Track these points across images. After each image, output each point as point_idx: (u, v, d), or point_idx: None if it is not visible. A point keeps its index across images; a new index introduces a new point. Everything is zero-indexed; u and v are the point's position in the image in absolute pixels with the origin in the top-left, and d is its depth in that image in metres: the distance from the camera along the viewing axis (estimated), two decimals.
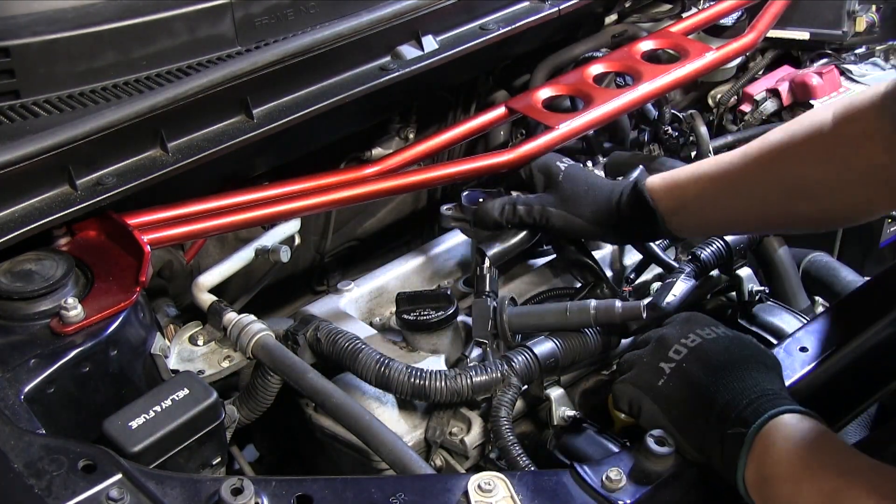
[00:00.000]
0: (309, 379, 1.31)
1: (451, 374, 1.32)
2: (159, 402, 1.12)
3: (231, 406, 1.37)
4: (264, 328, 1.39)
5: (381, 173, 1.57)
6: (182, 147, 1.42)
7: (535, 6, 1.77)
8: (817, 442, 0.93)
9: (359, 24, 1.57)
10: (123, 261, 1.31)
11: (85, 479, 0.99)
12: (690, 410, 1.07)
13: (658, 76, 1.69)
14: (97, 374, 1.20)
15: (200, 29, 1.52)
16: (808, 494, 0.88)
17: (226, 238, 1.72)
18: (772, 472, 0.93)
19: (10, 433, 1.04)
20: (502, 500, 1.04)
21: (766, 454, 0.94)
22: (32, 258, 1.29)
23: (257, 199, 1.47)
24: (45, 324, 1.21)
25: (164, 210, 1.40)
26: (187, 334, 1.43)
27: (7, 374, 1.13)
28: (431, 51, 1.64)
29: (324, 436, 1.40)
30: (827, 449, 0.93)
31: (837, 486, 0.86)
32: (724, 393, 1.03)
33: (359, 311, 1.61)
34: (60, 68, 1.43)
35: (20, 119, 1.38)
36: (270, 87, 1.49)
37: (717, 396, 1.03)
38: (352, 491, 1.07)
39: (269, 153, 1.58)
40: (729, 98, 2.09)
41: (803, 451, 0.92)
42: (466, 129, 1.67)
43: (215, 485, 1.00)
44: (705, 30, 2.00)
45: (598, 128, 1.69)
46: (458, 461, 1.38)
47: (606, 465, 1.11)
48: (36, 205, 1.31)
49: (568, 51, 1.91)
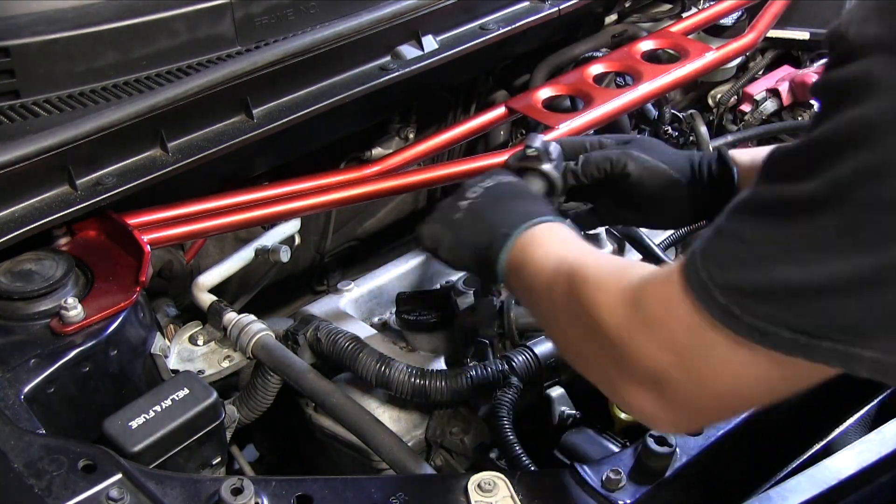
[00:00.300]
0: (309, 379, 1.31)
1: (451, 374, 1.32)
2: (159, 402, 1.12)
3: (231, 406, 1.37)
4: (264, 328, 1.39)
5: (381, 173, 1.58)
6: (182, 147, 1.42)
7: (535, 6, 1.77)
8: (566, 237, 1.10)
9: (359, 24, 1.57)
10: (123, 261, 1.31)
11: (85, 479, 0.99)
12: (476, 235, 1.17)
13: (658, 76, 1.70)
14: (97, 374, 1.20)
15: (200, 29, 1.52)
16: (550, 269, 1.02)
17: (226, 238, 1.72)
18: (524, 258, 1.08)
19: (10, 433, 1.04)
20: (502, 500, 1.04)
21: (523, 247, 1.09)
22: (32, 258, 1.29)
23: (257, 199, 1.48)
24: (45, 324, 1.21)
25: (164, 210, 1.40)
26: (187, 334, 1.43)
27: (7, 374, 1.13)
28: (431, 51, 1.64)
29: (324, 436, 1.41)
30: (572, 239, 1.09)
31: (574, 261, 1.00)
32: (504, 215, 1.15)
33: (359, 311, 1.61)
34: (60, 68, 1.43)
35: (20, 119, 1.38)
36: (270, 87, 1.49)
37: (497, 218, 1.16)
38: (352, 491, 1.07)
39: (269, 153, 1.58)
40: (729, 98, 2.09)
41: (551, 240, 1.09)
42: (466, 129, 1.67)
43: (215, 485, 1.00)
44: (705, 30, 2.01)
45: (598, 128, 1.69)
46: (458, 461, 1.38)
47: (606, 465, 1.11)
48: (36, 205, 1.32)
49: (568, 51, 1.91)
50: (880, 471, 1.19)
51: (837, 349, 0.76)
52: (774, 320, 0.78)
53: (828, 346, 0.76)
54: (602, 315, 0.91)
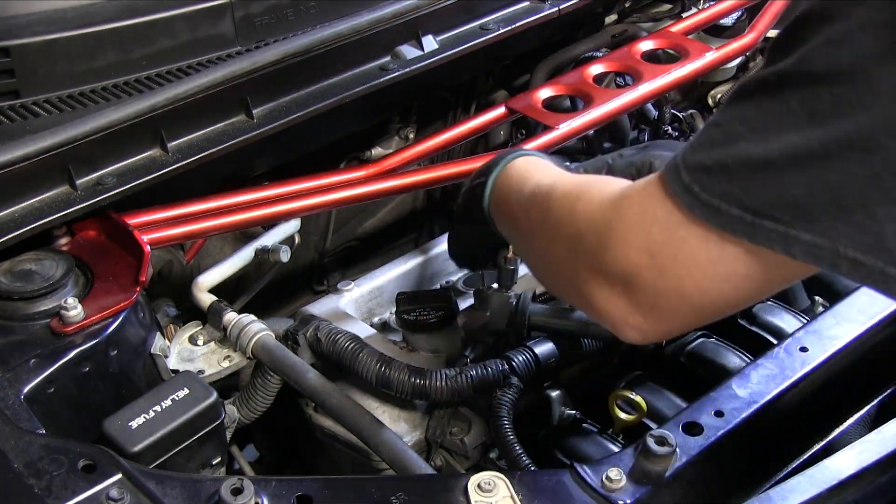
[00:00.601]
0: (309, 379, 1.31)
1: (451, 374, 1.32)
2: (159, 402, 1.12)
3: (231, 406, 1.37)
4: (264, 328, 1.39)
5: (381, 173, 1.57)
6: (182, 147, 1.42)
7: (535, 6, 1.77)
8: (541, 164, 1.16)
9: (359, 24, 1.57)
10: (123, 261, 1.31)
11: (85, 479, 0.99)
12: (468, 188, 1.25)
13: (658, 76, 1.69)
14: (97, 374, 1.20)
15: (200, 29, 1.52)
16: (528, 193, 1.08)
17: (226, 238, 1.72)
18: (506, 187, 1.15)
19: (10, 433, 1.04)
20: (502, 500, 1.04)
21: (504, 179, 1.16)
22: (32, 258, 1.29)
23: (257, 199, 1.48)
24: (45, 324, 1.21)
25: (164, 210, 1.40)
26: (187, 334, 1.43)
27: (7, 374, 1.13)
28: (431, 51, 1.64)
29: (324, 436, 1.41)
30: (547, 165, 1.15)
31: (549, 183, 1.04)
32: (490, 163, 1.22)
33: (359, 311, 1.61)
34: (60, 68, 1.43)
35: (20, 119, 1.37)
36: (270, 87, 1.49)
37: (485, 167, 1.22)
38: (352, 491, 1.07)
39: (269, 153, 1.58)
40: None
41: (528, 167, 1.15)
42: (466, 129, 1.67)
43: (215, 485, 1.00)
44: (705, 30, 2.00)
45: (598, 128, 1.69)
46: (458, 461, 1.38)
47: (606, 465, 1.11)
48: (36, 205, 1.31)
49: (568, 51, 1.91)
50: (880, 471, 1.19)
51: (778, 230, 0.77)
52: (727, 197, 0.79)
53: (769, 226, 0.77)
54: (580, 222, 0.93)
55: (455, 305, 1.47)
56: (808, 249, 0.76)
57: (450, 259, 1.60)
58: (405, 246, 2.09)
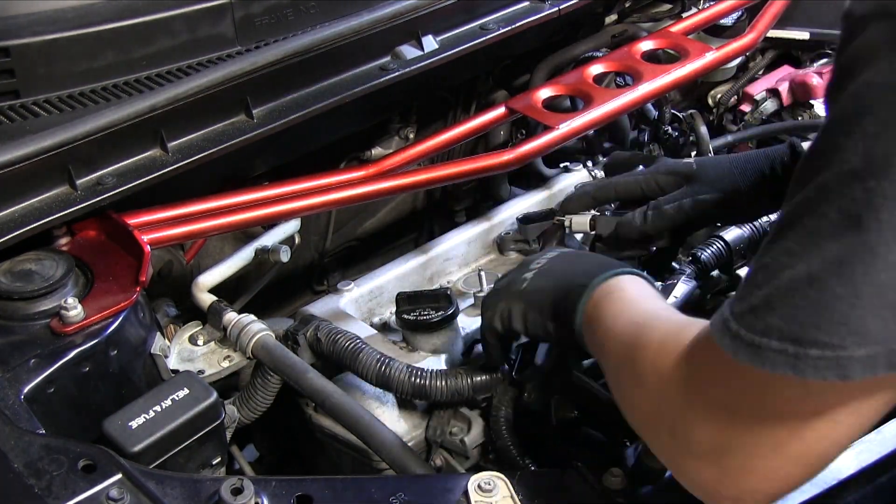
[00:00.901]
0: (309, 379, 1.31)
1: (451, 374, 1.32)
2: (159, 402, 1.12)
3: (231, 406, 1.37)
4: (264, 328, 1.39)
5: (381, 173, 1.57)
6: (182, 147, 1.42)
7: (535, 6, 1.77)
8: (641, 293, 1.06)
9: (359, 24, 1.57)
10: (123, 261, 1.31)
11: (85, 479, 0.99)
12: (550, 293, 1.15)
13: (658, 76, 1.69)
14: (97, 374, 1.20)
15: (200, 29, 1.52)
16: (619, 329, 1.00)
17: (226, 238, 1.72)
18: (598, 313, 1.05)
19: (10, 433, 1.04)
20: (502, 500, 1.04)
21: (600, 300, 1.06)
22: (32, 258, 1.29)
23: (257, 199, 1.47)
24: (45, 324, 1.21)
25: (164, 210, 1.40)
26: (187, 334, 1.43)
27: (7, 374, 1.13)
28: (431, 51, 1.64)
29: (324, 436, 1.40)
30: (646, 296, 1.05)
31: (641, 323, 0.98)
32: (578, 269, 1.14)
33: (359, 311, 1.61)
34: (60, 68, 1.43)
35: (20, 119, 1.38)
36: (270, 87, 1.49)
37: (571, 271, 1.15)
38: (352, 491, 1.07)
39: (269, 153, 1.58)
40: (729, 98, 2.09)
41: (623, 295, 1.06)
42: (466, 129, 1.67)
43: (215, 485, 1.00)
44: (705, 30, 2.00)
45: (598, 128, 1.69)
46: (458, 461, 1.38)
47: (607, 464, 1.11)
48: (36, 205, 1.32)
49: (568, 51, 1.91)
50: (880, 471, 1.19)
51: (826, 356, 0.72)
52: (767, 329, 0.74)
53: (815, 355, 0.72)
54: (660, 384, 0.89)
55: (455, 305, 1.47)
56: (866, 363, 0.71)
57: (450, 259, 1.61)
58: (405, 246, 2.09)
